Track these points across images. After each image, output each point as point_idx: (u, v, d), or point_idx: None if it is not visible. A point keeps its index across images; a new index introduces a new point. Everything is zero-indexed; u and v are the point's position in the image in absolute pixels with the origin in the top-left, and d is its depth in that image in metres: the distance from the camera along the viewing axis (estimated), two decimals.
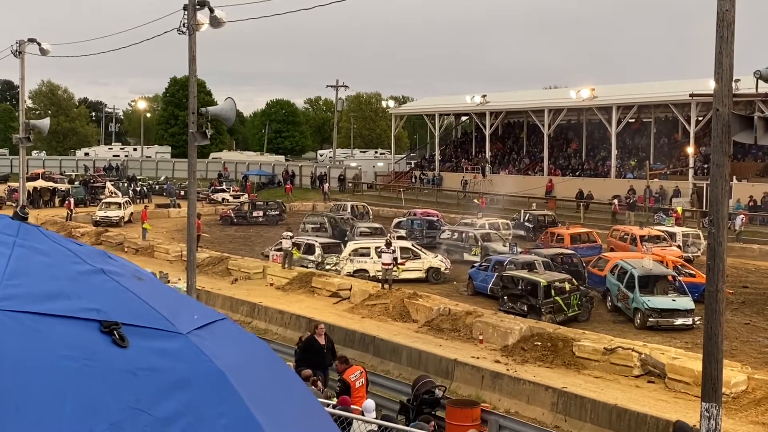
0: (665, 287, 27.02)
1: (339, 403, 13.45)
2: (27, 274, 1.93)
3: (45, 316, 1.82)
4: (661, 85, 62.65)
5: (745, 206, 49.84)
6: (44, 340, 1.78)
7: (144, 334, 1.91)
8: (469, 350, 22.51)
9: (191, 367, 1.88)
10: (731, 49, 11.14)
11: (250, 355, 2.15)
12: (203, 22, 21.76)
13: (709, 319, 11.46)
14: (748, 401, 17.89)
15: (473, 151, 77.51)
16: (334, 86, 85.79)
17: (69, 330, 1.83)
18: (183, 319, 2.03)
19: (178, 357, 1.89)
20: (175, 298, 2.27)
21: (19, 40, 34.10)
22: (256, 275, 33.95)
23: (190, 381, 1.85)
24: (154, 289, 2.18)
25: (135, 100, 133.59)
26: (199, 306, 2.37)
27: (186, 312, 2.11)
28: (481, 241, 38.27)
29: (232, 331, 2.21)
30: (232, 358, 1.99)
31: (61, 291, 1.92)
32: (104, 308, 1.91)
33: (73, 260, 2.07)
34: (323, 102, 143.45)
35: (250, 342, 2.28)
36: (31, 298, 1.85)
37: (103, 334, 1.86)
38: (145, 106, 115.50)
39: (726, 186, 11.50)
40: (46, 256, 2.04)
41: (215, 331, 2.09)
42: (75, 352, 1.78)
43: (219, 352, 1.96)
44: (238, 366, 1.98)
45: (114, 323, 1.87)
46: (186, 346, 1.93)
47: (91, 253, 2.18)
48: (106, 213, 53.27)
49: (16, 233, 2.08)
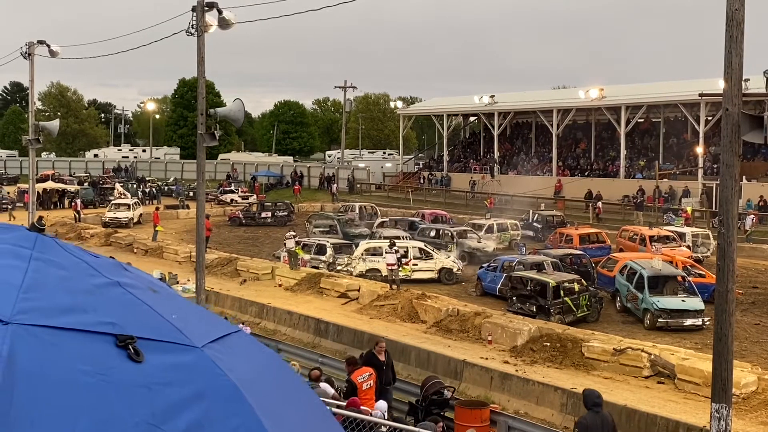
0: (675, 288, 26.93)
1: (348, 405, 13.45)
2: (43, 287, 1.93)
3: (61, 330, 1.83)
4: (670, 84, 62.48)
5: (756, 206, 49.66)
6: (60, 354, 1.78)
7: (159, 348, 1.91)
8: (477, 351, 22.48)
9: (205, 381, 1.88)
10: (741, 49, 11.10)
11: (263, 368, 2.16)
12: (212, 24, 21.82)
13: (718, 319, 11.42)
14: (758, 402, 17.81)
15: (482, 151, 77.43)
16: (342, 87, 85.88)
17: (84, 344, 1.83)
18: (197, 332, 2.03)
19: (192, 371, 1.90)
20: (190, 310, 2.27)
21: (28, 42, 34.25)
22: (265, 276, 33.99)
23: (204, 395, 1.85)
24: (169, 301, 2.19)
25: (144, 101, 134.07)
26: (212, 317, 2.38)
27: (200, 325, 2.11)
28: (457, 238, 39.39)
29: (246, 344, 2.22)
30: (245, 371, 1.99)
31: (77, 305, 1.93)
32: (120, 322, 1.92)
33: (90, 273, 2.08)
34: (331, 103, 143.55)
35: (263, 354, 2.28)
36: (47, 312, 1.85)
37: (118, 348, 1.86)
38: (154, 108, 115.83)
39: (736, 186, 11.45)
40: (63, 269, 2.04)
41: (229, 344, 2.09)
42: (90, 367, 1.78)
43: (233, 365, 1.96)
44: (252, 379, 1.98)
45: (129, 337, 1.88)
46: (200, 360, 1.93)
47: (107, 265, 2.19)
48: (115, 214, 53.46)
49: (33, 246, 2.08)
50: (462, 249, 38.36)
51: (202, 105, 21.93)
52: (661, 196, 54.96)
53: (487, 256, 36.17)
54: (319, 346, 25.06)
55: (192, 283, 27.04)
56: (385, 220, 47.35)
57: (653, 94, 60.89)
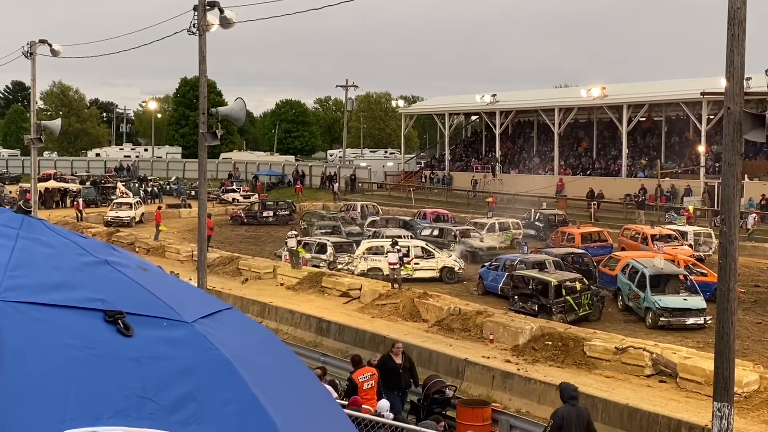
0: (677, 286, 26.92)
1: (350, 404, 13.46)
2: (30, 265, 1.92)
3: (49, 307, 1.82)
4: (672, 83, 62.42)
5: (758, 205, 49.62)
6: (48, 329, 1.78)
7: (148, 323, 1.91)
8: (479, 350, 22.48)
9: (196, 355, 1.88)
10: (742, 48, 11.08)
11: (256, 344, 2.15)
12: (213, 23, 21.82)
13: (720, 318, 11.41)
14: (760, 401, 17.79)
15: (483, 150, 77.40)
16: (344, 86, 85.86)
17: (73, 320, 1.82)
18: (188, 308, 2.02)
19: (183, 345, 1.89)
20: (180, 287, 2.26)
21: (30, 42, 34.27)
22: (267, 275, 34.00)
23: (195, 369, 1.85)
24: (159, 279, 2.18)
25: (146, 100, 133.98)
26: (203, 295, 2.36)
27: (191, 301, 2.10)
28: (460, 237, 39.54)
29: (238, 320, 2.21)
30: (237, 346, 1.98)
31: (65, 281, 1.92)
32: (109, 298, 1.91)
33: (78, 252, 2.07)
34: (333, 102, 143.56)
35: (256, 331, 2.27)
36: (34, 289, 1.85)
37: (107, 323, 1.86)
38: (155, 107, 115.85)
39: (738, 185, 11.44)
40: (50, 247, 2.03)
41: (221, 320, 2.08)
42: (79, 341, 1.78)
43: (224, 340, 1.96)
44: (244, 354, 1.97)
45: (118, 312, 1.87)
46: (191, 335, 1.92)
47: (96, 245, 2.18)
48: (117, 213, 53.50)
49: (20, 226, 2.07)
50: (465, 248, 38.47)
51: (203, 104, 21.94)
52: (663, 195, 54.92)
53: (489, 255, 36.18)
54: (321, 345, 25.07)
55: (194, 282, 27.05)
56: (376, 219, 47.39)
57: (655, 93, 60.83)
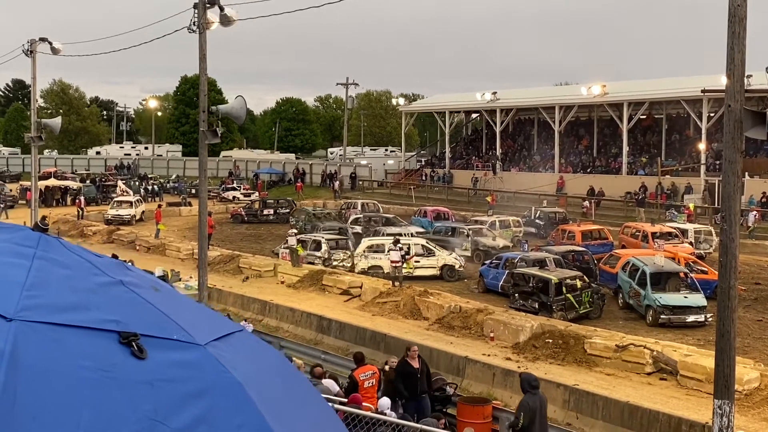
0: (677, 284, 26.92)
1: (350, 401, 13.46)
2: (47, 285, 1.93)
3: (64, 327, 1.83)
4: (672, 81, 62.35)
5: (758, 203, 49.61)
6: (63, 350, 1.78)
7: (162, 345, 1.92)
8: (480, 348, 22.50)
9: (209, 378, 1.88)
10: (743, 45, 11.07)
11: (267, 366, 2.16)
12: (213, 21, 21.80)
13: (721, 315, 11.41)
14: (760, 398, 17.81)
15: (484, 148, 77.37)
16: (344, 84, 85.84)
17: (88, 341, 1.83)
18: (201, 330, 2.03)
19: (195, 368, 1.90)
20: (193, 309, 2.27)
21: (30, 40, 34.23)
22: (267, 273, 34.01)
23: (207, 391, 1.86)
24: (172, 300, 2.20)
25: (146, 98, 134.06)
26: (216, 316, 2.37)
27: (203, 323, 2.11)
28: (473, 236, 39.13)
29: (249, 342, 2.22)
30: (248, 368, 2.00)
31: (80, 302, 1.93)
32: (123, 319, 1.92)
33: (93, 272, 2.08)
34: (333, 100, 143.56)
35: (267, 353, 2.29)
36: (50, 309, 1.86)
37: (121, 345, 1.86)
38: (156, 105, 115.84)
39: (738, 182, 11.43)
40: (66, 268, 2.04)
41: (233, 342, 2.09)
42: (93, 363, 1.79)
43: (236, 363, 1.97)
44: (255, 376, 1.99)
45: (133, 334, 1.88)
46: (204, 357, 1.93)
47: (110, 264, 2.20)
48: (117, 211, 53.47)
49: (36, 245, 2.08)
50: (476, 247, 38.20)
51: (204, 102, 21.93)
52: (663, 193, 54.91)
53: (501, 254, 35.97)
54: (322, 343, 25.09)
55: (194, 280, 27.06)
56: (359, 216, 47.49)
57: (655, 91, 60.80)
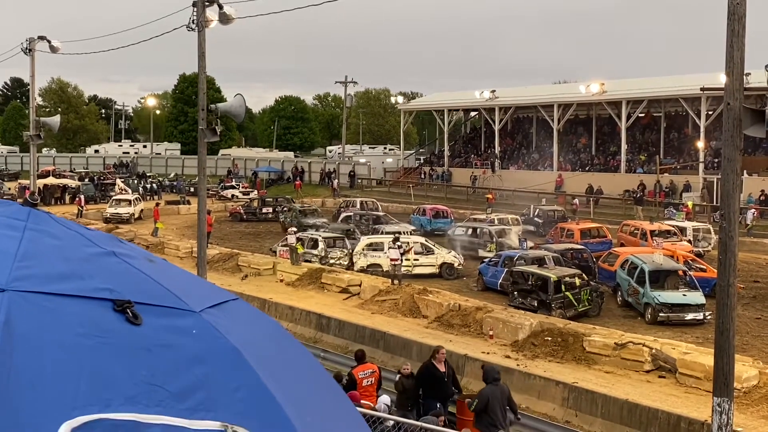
0: (676, 282, 26.93)
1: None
2: (38, 256, 1.94)
3: (58, 296, 1.83)
4: (671, 79, 62.37)
5: (756, 200, 49.64)
6: (58, 318, 1.79)
7: (157, 312, 1.92)
8: (479, 346, 22.51)
9: (205, 344, 1.90)
10: (742, 43, 11.08)
11: (262, 333, 2.17)
12: (212, 19, 21.80)
13: (720, 313, 11.43)
14: (759, 396, 17.82)
15: (482, 146, 77.39)
16: (343, 82, 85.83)
17: (82, 309, 1.84)
18: (195, 298, 2.04)
19: (191, 334, 1.91)
20: (187, 278, 2.28)
21: (29, 38, 34.23)
22: (266, 271, 33.99)
23: (204, 357, 1.87)
24: (166, 270, 2.20)
25: (144, 97, 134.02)
26: (210, 286, 2.37)
27: (198, 292, 2.12)
28: (497, 237, 37.97)
29: (244, 310, 2.23)
30: (244, 334, 2.00)
31: (73, 272, 1.93)
32: (117, 288, 1.92)
33: (85, 243, 2.09)
34: (332, 98, 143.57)
35: (261, 320, 2.29)
36: (43, 279, 1.86)
37: (116, 312, 1.87)
38: (154, 103, 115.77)
39: (737, 180, 11.45)
40: (57, 239, 2.05)
41: (228, 310, 2.10)
42: (89, 330, 1.80)
43: (232, 329, 1.98)
44: (251, 342, 1.99)
45: (127, 302, 1.89)
46: (199, 323, 1.94)
47: (102, 237, 2.20)
48: (116, 210, 53.41)
49: (27, 218, 2.09)
50: (501, 248, 36.15)
51: (202, 100, 21.93)
52: (662, 191, 54.94)
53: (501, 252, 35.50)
54: (321, 341, 25.08)
55: None
56: (350, 215, 47.41)
57: (654, 89, 60.84)
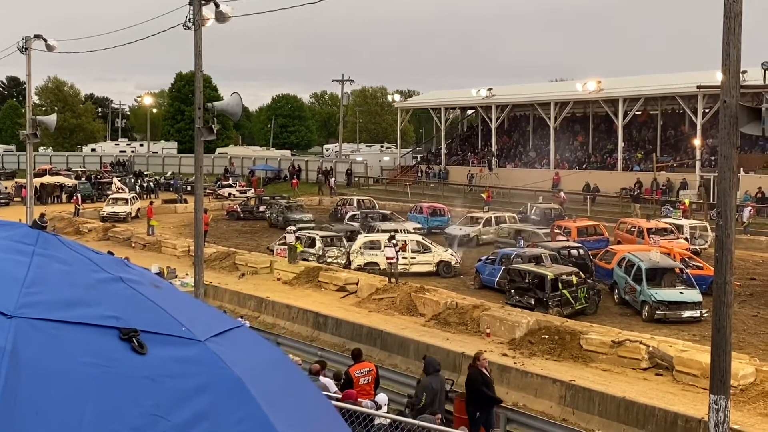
0: (673, 280, 26.98)
1: (344, 397, 13.48)
2: (46, 282, 1.94)
3: (65, 324, 1.84)
4: (667, 77, 62.39)
5: (753, 198, 49.69)
6: (64, 346, 1.80)
7: (162, 341, 1.93)
8: (476, 344, 22.51)
9: (209, 374, 1.90)
10: (738, 41, 11.08)
11: (266, 362, 2.18)
12: (209, 17, 21.77)
13: (717, 311, 11.43)
14: (756, 393, 17.87)
15: (479, 144, 77.39)
16: (340, 80, 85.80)
17: (88, 337, 1.85)
18: (200, 326, 2.05)
19: (196, 364, 1.91)
20: (192, 305, 2.29)
21: (25, 37, 34.11)
22: (263, 270, 33.98)
23: (208, 387, 1.87)
24: (172, 296, 2.21)
25: (141, 95, 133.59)
26: (215, 313, 2.38)
27: (203, 319, 2.12)
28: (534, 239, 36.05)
29: (249, 338, 2.23)
30: (248, 364, 2.01)
31: (80, 299, 1.94)
32: (123, 316, 1.93)
33: (92, 268, 2.09)
34: (329, 96, 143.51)
35: (266, 349, 2.31)
36: (50, 306, 1.87)
37: (122, 341, 1.88)
38: (151, 102, 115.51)
39: (734, 178, 11.45)
40: (66, 264, 2.06)
41: (232, 338, 2.11)
42: (95, 359, 1.80)
43: (236, 358, 1.98)
44: (255, 372, 2.00)
45: (133, 330, 1.90)
46: (204, 353, 1.95)
47: (110, 261, 2.21)
48: (113, 209, 53.32)
49: (35, 242, 2.09)
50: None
51: (199, 99, 21.90)
52: (658, 189, 54.98)
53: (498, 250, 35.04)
54: (318, 339, 25.10)
55: (190, 277, 27.05)
56: (356, 213, 47.31)
57: (651, 87, 60.86)
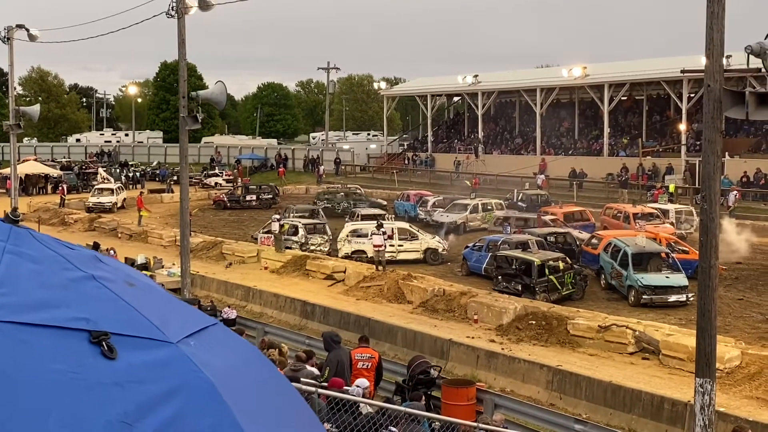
0: (659, 264, 27.10)
1: (330, 385, 13.43)
2: (16, 282, 1.89)
3: (32, 327, 1.79)
4: (652, 62, 62.54)
5: (737, 182, 49.88)
6: (30, 352, 1.74)
7: (133, 344, 1.88)
8: (464, 330, 22.59)
9: (180, 378, 1.86)
10: (722, 25, 11.09)
11: (240, 362, 2.13)
12: (192, 5, 21.64)
13: (702, 295, 11.48)
14: (742, 376, 18.00)
15: (466, 131, 77.39)
16: (326, 68, 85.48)
17: (57, 341, 1.80)
18: (173, 326, 2.00)
19: (166, 367, 1.87)
20: (166, 303, 2.25)
21: (7, 26, 33.79)
22: (251, 259, 33.93)
23: (178, 391, 1.83)
24: (145, 294, 2.16)
25: (126, 85, 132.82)
26: (189, 311, 2.33)
27: (176, 319, 2.08)
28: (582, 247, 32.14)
29: (223, 337, 2.19)
30: (221, 366, 1.97)
31: (50, 300, 1.89)
32: (94, 317, 1.88)
33: (64, 266, 2.04)
34: (315, 85, 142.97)
35: (240, 347, 2.26)
36: (18, 308, 1.81)
37: (91, 344, 1.83)
38: (136, 92, 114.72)
39: (718, 162, 11.48)
40: (37, 262, 2.00)
41: (206, 338, 2.07)
42: (62, 365, 1.75)
43: (208, 360, 1.94)
44: (228, 374, 1.96)
45: (103, 333, 1.85)
46: (175, 356, 1.91)
47: (83, 257, 2.15)
48: (98, 199, 53.08)
49: (7, 238, 2.04)
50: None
51: (183, 88, 21.80)
52: (644, 174, 55.15)
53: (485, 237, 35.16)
54: (306, 328, 25.09)
55: (177, 267, 26.96)
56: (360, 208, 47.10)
57: (636, 72, 60.96)
